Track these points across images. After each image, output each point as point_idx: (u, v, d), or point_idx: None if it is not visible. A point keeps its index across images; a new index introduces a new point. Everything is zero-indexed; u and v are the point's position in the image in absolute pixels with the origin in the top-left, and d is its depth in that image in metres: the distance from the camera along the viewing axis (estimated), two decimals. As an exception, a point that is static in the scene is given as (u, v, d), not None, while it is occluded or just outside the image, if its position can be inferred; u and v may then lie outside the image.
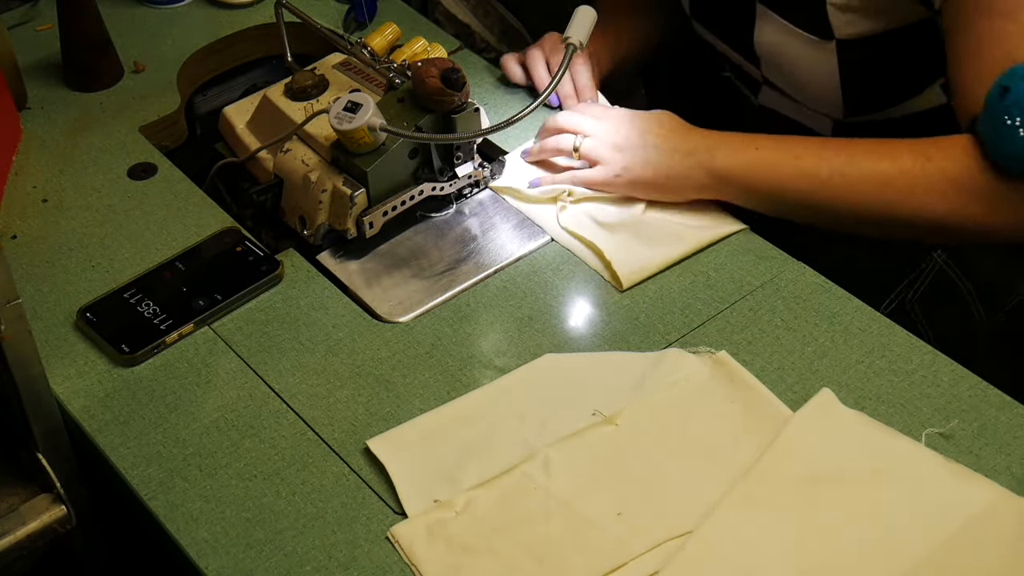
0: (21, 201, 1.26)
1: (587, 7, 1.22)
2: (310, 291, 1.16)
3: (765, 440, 0.98)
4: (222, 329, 1.13)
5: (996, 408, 1.03)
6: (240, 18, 1.49)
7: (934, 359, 1.07)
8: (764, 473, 0.96)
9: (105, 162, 1.31)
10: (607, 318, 1.13)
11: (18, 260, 1.20)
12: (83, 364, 1.10)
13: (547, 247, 1.20)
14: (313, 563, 0.95)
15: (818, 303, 1.12)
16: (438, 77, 1.14)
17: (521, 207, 1.23)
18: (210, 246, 1.20)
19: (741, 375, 1.04)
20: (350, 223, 1.17)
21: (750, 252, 1.18)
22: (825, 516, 0.93)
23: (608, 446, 0.99)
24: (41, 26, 1.48)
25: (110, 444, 1.04)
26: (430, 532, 0.94)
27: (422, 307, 1.14)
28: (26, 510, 1.02)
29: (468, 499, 0.96)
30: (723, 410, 1.01)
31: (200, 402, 1.07)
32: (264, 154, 1.26)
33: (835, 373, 1.06)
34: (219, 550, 0.96)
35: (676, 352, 1.07)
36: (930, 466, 0.96)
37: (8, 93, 1.32)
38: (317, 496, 1.00)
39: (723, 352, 1.06)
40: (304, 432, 1.04)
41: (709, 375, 1.04)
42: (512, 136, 1.30)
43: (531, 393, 1.04)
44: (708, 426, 1.00)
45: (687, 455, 0.98)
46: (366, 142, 1.14)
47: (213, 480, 1.01)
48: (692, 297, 1.14)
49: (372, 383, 1.08)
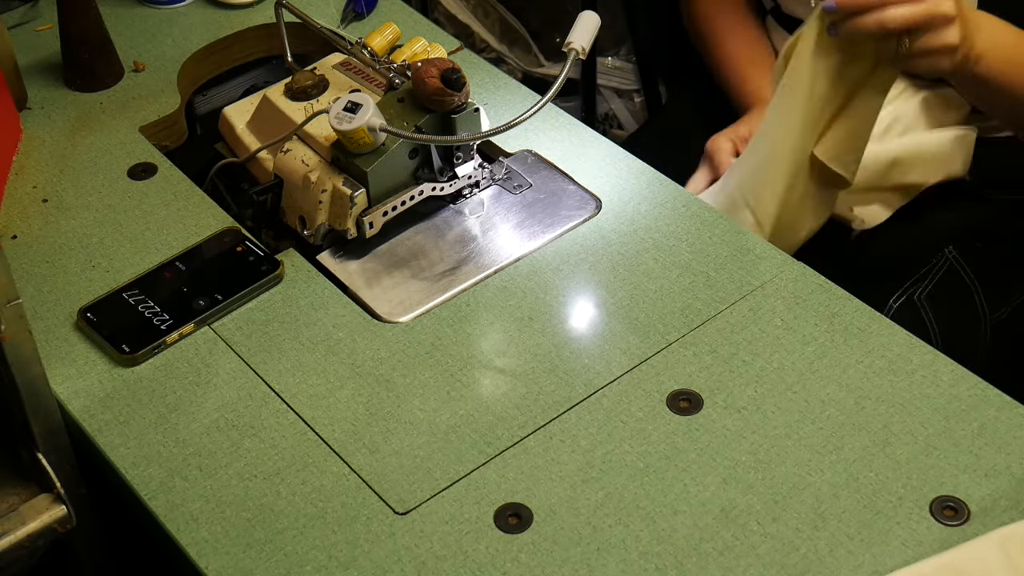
0: (21, 201, 1.26)
1: (590, 12, 1.21)
2: (310, 291, 1.16)
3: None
4: (222, 329, 1.13)
5: (996, 408, 1.03)
6: (240, 18, 1.49)
7: (934, 359, 1.07)
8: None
9: (105, 162, 1.31)
10: (607, 318, 1.13)
11: (18, 260, 1.20)
12: (83, 364, 1.10)
13: (547, 247, 1.20)
14: (313, 563, 0.95)
15: (818, 303, 1.12)
16: (438, 77, 1.14)
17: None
18: (210, 246, 1.20)
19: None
20: (350, 223, 1.17)
21: (750, 252, 1.18)
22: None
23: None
24: (41, 26, 1.48)
25: (110, 444, 1.04)
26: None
27: (422, 307, 1.14)
28: (26, 510, 1.02)
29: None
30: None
31: (200, 402, 1.07)
32: (264, 154, 1.26)
33: (835, 373, 1.06)
34: (219, 550, 0.96)
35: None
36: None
37: (8, 93, 1.32)
38: (317, 496, 1.00)
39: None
40: (304, 432, 1.04)
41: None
42: (513, 136, 1.30)
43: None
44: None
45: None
46: (366, 142, 1.14)
47: (213, 480, 1.01)
48: (692, 297, 1.14)
49: (372, 383, 1.08)
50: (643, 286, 1.15)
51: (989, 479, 0.98)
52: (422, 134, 1.16)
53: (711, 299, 1.13)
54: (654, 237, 1.20)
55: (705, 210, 1.23)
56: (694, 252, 1.18)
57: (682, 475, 1.00)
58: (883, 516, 0.96)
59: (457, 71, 1.15)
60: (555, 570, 0.94)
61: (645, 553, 0.95)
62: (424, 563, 0.95)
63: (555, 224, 1.22)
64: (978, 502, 0.97)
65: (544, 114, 1.29)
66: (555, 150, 1.30)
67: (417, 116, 1.17)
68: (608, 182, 1.26)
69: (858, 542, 0.95)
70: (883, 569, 0.93)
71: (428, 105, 1.16)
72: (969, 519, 0.96)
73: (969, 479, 0.98)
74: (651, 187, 1.25)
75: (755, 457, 1.01)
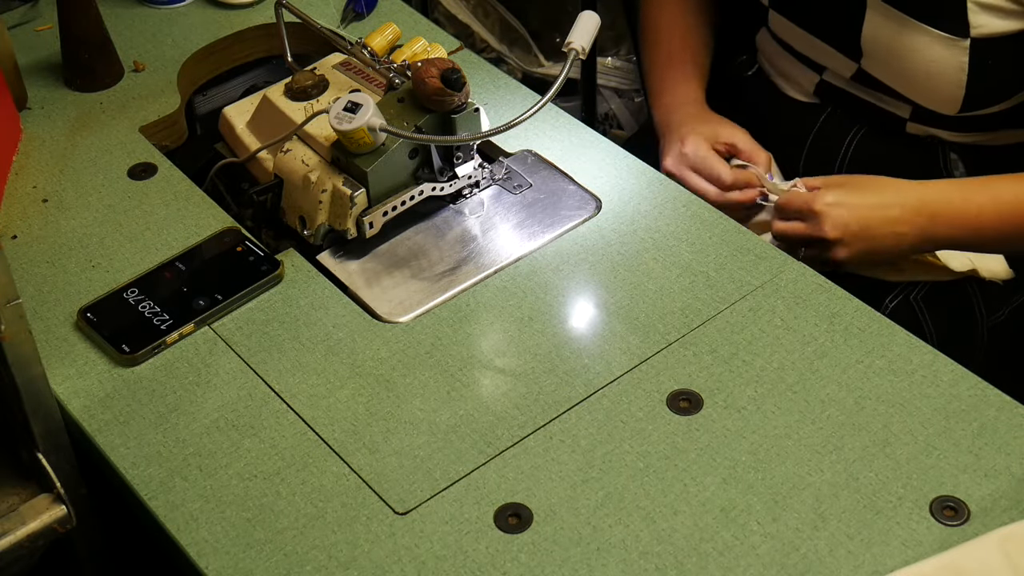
0: (21, 201, 1.26)
1: (590, 12, 1.21)
2: (310, 291, 1.16)
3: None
4: (222, 329, 1.13)
5: (996, 408, 1.03)
6: (240, 18, 1.49)
7: (934, 359, 1.07)
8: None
9: (105, 162, 1.31)
10: (607, 318, 1.13)
11: (18, 260, 1.20)
12: (83, 364, 1.10)
13: (547, 247, 1.20)
14: (313, 563, 0.95)
15: (818, 303, 1.12)
16: (438, 77, 1.14)
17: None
18: (210, 246, 1.20)
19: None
20: (350, 223, 1.17)
21: (750, 252, 1.18)
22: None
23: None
24: (41, 26, 1.48)
25: (110, 444, 1.04)
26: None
27: (422, 307, 1.14)
28: (26, 510, 1.02)
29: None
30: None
31: (200, 402, 1.07)
32: (264, 154, 1.26)
33: (835, 373, 1.06)
34: (219, 550, 0.96)
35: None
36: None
37: (8, 93, 1.32)
38: (317, 496, 1.00)
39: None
40: (304, 432, 1.04)
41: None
42: (513, 136, 1.30)
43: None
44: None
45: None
46: (366, 142, 1.14)
47: (213, 480, 1.01)
48: (692, 297, 1.14)
49: (372, 383, 1.08)
50: (643, 286, 1.15)
51: (989, 479, 0.98)
52: (422, 134, 1.16)
53: (711, 299, 1.13)
54: (654, 237, 1.20)
55: (705, 210, 1.23)
56: (694, 252, 1.18)
57: (682, 475, 1.00)
58: (883, 516, 0.96)
59: (457, 71, 1.15)
60: (555, 570, 0.94)
61: (645, 553, 0.95)
62: (424, 563, 0.95)
63: (555, 224, 1.22)
64: (978, 502, 0.97)
65: (544, 114, 1.29)
66: (555, 150, 1.30)
67: (417, 116, 1.17)
68: (608, 182, 1.26)
69: (858, 542, 0.95)
70: (883, 569, 0.93)
71: (428, 105, 1.16)
72: (969, 519, 0.96)
73: (969, 479, 0.98)
74: (651, 187, 1.25)
75: (755, 457, 1.01)
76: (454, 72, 1.14)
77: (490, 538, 0.97)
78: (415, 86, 1.17)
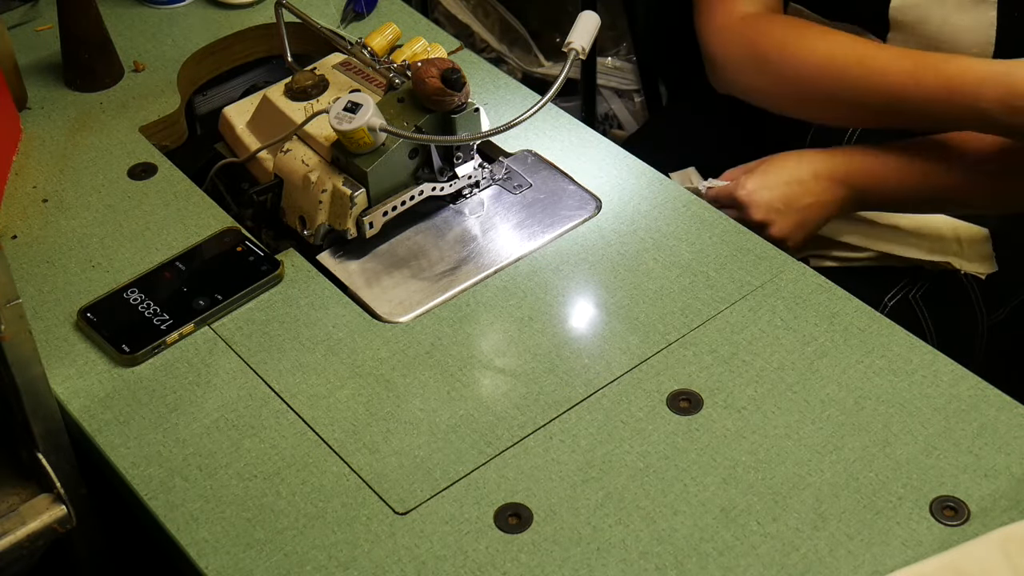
0: (21, 201, 1.26)
1: (590, 12, 1.21)
2: (310, 291, 1.16)
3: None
4: (222, 329, 1.13)
5: (996, 408, 1.03)
6: (240, 18, 1.49)
7: (934, 359, 1.07)
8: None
9: (105, 162, 1.31)
10: (607, 318, 1.13)
11: (18, 260, 1.20)
12: (83, 364, 1.10)
13: (547, 247, 1.20)
14: (313, 563, 0.95)
15: (818, 303, 1.12)
16: (438, 77, 1.14)
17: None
18: (210, 246, 1.20)
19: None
20: (350, 223, 1.17)
21: (750, 252, 1.18)
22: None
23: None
24: (41, 26, 1.48)
25: (110, 444, 1.04)
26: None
27: (422, 307, 1.14)
28: (26, 510, 1.02)
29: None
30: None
31: (200, 402, 1.07)
32: (264, 154, 1.26)
33: (835, 373, 1.06)
34: (219, 550, 0.96)
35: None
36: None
37: (8, 93, 1.32)
38: (317, 496, 1.00)
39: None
40: (304, 432, 1.04)
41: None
42: (513, 136, 1.30)
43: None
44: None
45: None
46: (366, 142, 1.14)
47: (213, 480, 1.01)
48: (692, 297, 1.14)
49: (372, 383, 1.08)
50: (643, 286, 1.15)
51: (989, 479, 0.98)
52: (422, 134, 1.16)
53: (711, 299, 1.13)
54: (654, 237, 1.20)
55: (705, 210, 1.23)
56: (694, 252, 1.18)
57: (682, 475, 1.00)
58: (883, 516, 0.96)
59: (457, 71, 1.15)
60: (555, 570, 0.94)
61: (645, 553, 0.95)
62: (424, 563, 0.95)
63: (555, 224, 1.22)
64: (978, 502, 0.97)
65: (544, 114, 1.29)
66: (555, 150, 1.30)
67: (417, 116, 1.17)
68: (608, 182, 1.26)
69: (858, 542, 0.95)
70: (883, 569, 0.93)
71: (428, 105, 1.16)
72: (969, 519, 0.96)
73: (969, 479, 0.98)
74: (651, 187, 1.25)
75: (755, 457, 1.01)
76: (454, 72, 1.14)
77: (490, 538, 0.97)
78: (415, 86, 1.17)
